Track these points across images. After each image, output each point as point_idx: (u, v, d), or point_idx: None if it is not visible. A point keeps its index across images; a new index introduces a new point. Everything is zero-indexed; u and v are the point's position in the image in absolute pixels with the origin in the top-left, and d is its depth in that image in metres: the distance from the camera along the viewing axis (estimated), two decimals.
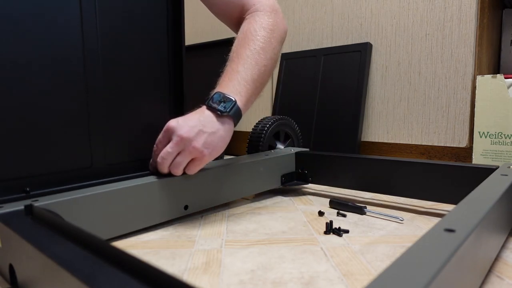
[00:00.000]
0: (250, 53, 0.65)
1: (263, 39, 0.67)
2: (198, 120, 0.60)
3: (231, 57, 0.66)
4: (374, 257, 0.51)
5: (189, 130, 0.59)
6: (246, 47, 0.66)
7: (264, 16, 0.69)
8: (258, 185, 0.78)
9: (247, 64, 0.65)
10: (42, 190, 0.55)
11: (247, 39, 0.67)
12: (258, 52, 0.66)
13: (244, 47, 0.66)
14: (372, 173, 0.75)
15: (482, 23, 0.96)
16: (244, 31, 0.68)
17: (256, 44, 0.66)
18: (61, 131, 0.57)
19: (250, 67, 0.65)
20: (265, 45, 0.67)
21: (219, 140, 0.62)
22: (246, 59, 0.65)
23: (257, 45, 0.66)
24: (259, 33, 0.67)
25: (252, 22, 0.68)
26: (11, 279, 0.42)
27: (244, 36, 0.67)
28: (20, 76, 0.53)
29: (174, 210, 0.63)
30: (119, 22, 0.63)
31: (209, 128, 0.60)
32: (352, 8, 1.15)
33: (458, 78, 0.98)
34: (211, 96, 0.63)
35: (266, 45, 0.67)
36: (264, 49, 0.66)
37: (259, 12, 0.70)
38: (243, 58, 0.65)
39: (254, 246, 0.55)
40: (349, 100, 1.13)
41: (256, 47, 0.66)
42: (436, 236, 0.32)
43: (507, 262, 0.49)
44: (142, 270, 0.28)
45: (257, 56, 0.65)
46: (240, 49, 0.66)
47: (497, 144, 0.88)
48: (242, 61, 0.65)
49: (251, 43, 0.66)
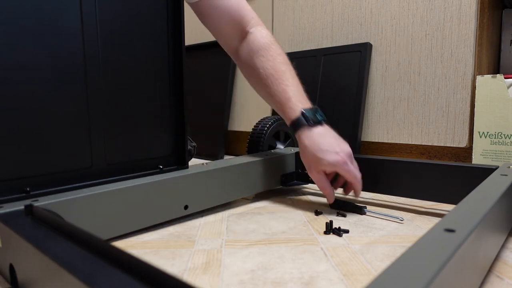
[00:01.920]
0: (285, 67, 0.73)
1: (280, 49, 0.75)
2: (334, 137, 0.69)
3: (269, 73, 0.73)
4: (374, 257, 0.51)
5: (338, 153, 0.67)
6: (276, 61, 0.73)
7: (264, 29, 0.77)
8: (258, 185, 0.78)
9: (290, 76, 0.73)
10: (42, 190, 0.55)
11: (272, 52, 0.74)
12: (286, 63, 0.74)
13: (275, 62, 0.73)
14: (372, 173, 0.75)
15: (482, 23, 0.96)
16: (263, 45, 0.74)
17: (281, 55, 0.75)
18: (61, 131, 0.57)
19: (291, 76, 0.73)
20: (282, 52, 0.76)
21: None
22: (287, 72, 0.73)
23: (282, 56, 0.75)
24: (274, 45, 0.75)
25: (263, 36, 0.75)
26: (11, 279, 0.42)
27: (267, 49, 0.74)
28: (20, 76, 0.53)
29: (174, 210, 0.63)
30: (119, 23, 0.63)
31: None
32: (352, 8, 1.15)
33: (458, 78, 0.98)
34: (305, 116, 0.69)
35: (283, 52, 0.76)
36: (285, 57, 0.75)
37: (259, 26, 0.77)
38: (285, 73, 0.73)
39: (254, 246, 0.55)
40: (349, 100, 1.13)
41: (283, 58, 0.74)
42: (436, 236, 0.32)
43: (507, 262, 0.49)
44: (142, 270, 0.28)
45: (290, 67, 0.74)
46: (276, 65, 0.73)
47: (497, 144, 0.88)
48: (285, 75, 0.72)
49: (278, 57, 0.74)
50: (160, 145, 0.70)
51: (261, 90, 0.75)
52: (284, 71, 0.72)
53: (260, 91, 0.76)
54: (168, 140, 0.71)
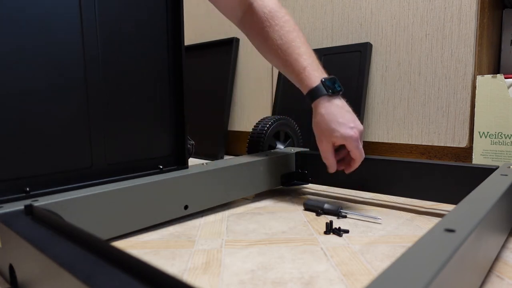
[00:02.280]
0: (294, 35, 0.71)
1: (286, 15, 0.73)
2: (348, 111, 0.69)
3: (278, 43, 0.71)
4: (374, 257, 0.51)
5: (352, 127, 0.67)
6: (284, 29, 0.71)
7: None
8: (258, 185, 0.78)
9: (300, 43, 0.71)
10: (42, 190, 0.55)
11: (277, 21, 0.71)
12: (294, 29, 0.72)
13: (282, 31, 0.71)
14: (372, 173, 0.75)
15: (482, 23, 0.96)
16: (268, 14, 0.72)
17: (288, 22, 0.72)
18: (61, 131, 0.57)
19: (302, 43, 0.71)
20: (290, 18, 0.73)
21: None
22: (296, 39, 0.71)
23: (289, 23, 0.72)
24: (280, 12, 0.72)
25: (267, 4, 0.72)
26: (11, 279, 0.42)
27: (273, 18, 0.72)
28: (20, 77, 0.53)
29: (174, 210, 0.63)
30: (119, 23, 0.63)
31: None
32: (352, 8, 1.15)
33: (458, 78, 0.98)
34: (324, 86, 0.68)
35: (290, 18, 0.74)
36: (292, 23, 0.73)
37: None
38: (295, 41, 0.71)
39: (254, 246, 0.55)
40: (349, 100, 1.11)
41: (290, 25, 0.72)
42: (436, 236, 0.32)
43: (507, 262, 0.49)
44: (142, 270, 0.28)
45: (299, 34, 0.72)
46: (284, 34, 0.71)
47: (497, 144, 0.88)
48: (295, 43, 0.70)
49: (285, 25, 0.71)
50: (160, 145, 0.70)
51: (273, 60, 0.74)
52: (294, 38, 0.70)
53: (272, 61, 0.75)
54: (168, 140, 0.71)
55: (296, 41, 0.70)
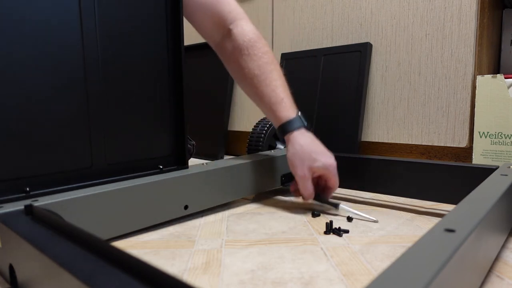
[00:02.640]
0: (272, 67, 0.72)
1: (265, 46, 0.74)
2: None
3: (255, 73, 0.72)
4: (374, 257, 0.51)
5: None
6: (262, 60, 0.72)
7: (247, 24, 0.74)
8: (258, 185, 0.78)
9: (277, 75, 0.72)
10: (42, 190, 0.55)
11: (256, 51, 0.72)
12: (272, 61, 0.73)
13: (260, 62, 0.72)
14: (372, 173, 0.75)
15: (482, 23, 0.96)
16: (247, 43, 0.72)
17: (267, 54, 0.73)
18: (61, 131, 0.57)
19: (278, 76, 0.72)
20: (268, 49, 0.74)
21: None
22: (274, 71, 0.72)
23: (268, 54, 0.73)
24: (259, 43, 0.73)
25: (246, 34, 0.73)
26: (11, 279, 0.42)
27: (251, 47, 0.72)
28: (20, 77, 0.53)
29: (174, 210, 0.63)
30: (118, 23, 0.63)
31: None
32: (352, 8, 1.15)
33: (458, 78, 0.98)
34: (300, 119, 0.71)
35: (269, 49, 0.75)
36: (271, 55, 0.74)
37: (241, 20, 0.74)
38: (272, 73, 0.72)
39: (254, 246, 0.55)
40: (349, 100, 1.13)
41: (269, 56, 0.73)
42: (436, 236, 0.32)
43: (507, 262, 0.49)
44: (142, 270, 0.28)
45: (277, 66, 0.74)
46: (262, 65, 0.72)
47: (497, 144, 0.88)
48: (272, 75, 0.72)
49: (263, 56, 0.72)
50: (160, 145, 0.70)
51: (247, 89, 0.75)
52: (271, 70, 0.72)
53: (246, 90, 0.76)
54: (168, 140, 0.71)
55: (274, 73, 0.72)
